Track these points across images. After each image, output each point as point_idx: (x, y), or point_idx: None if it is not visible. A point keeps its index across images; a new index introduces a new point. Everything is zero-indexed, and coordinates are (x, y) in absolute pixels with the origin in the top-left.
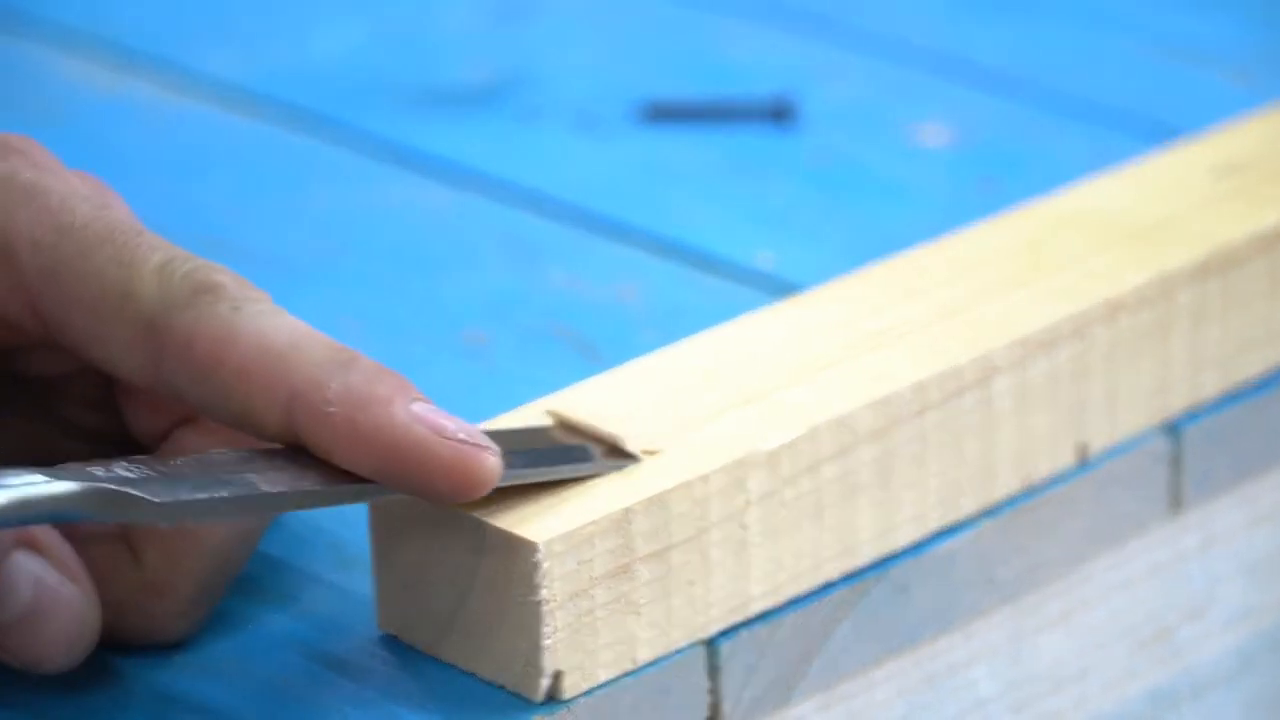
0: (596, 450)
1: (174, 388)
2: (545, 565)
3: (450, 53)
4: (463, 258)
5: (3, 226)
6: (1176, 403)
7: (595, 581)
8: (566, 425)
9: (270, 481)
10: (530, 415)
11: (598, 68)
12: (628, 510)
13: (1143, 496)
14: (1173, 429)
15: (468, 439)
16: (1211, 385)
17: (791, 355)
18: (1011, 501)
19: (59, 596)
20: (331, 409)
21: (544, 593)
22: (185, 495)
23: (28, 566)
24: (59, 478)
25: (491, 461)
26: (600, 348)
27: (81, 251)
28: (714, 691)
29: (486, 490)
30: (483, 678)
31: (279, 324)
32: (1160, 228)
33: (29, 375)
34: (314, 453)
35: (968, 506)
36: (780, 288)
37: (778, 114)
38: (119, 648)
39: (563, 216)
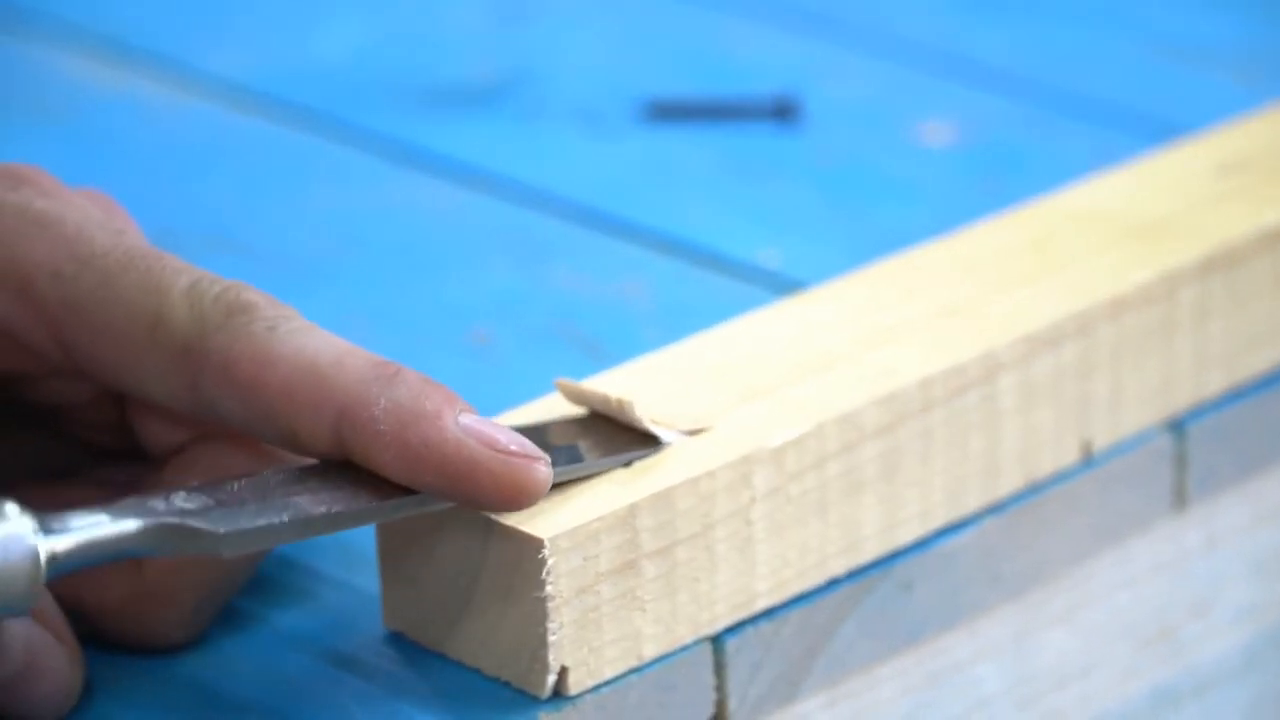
0: (592, 449)
1: (215, 411)
2: (551, 561)
3: (454, 51)
4: (467, 256)
5: (21, 258)
6: (1181, 400)
7: (601, 577)
8: (576, 399)
9: (326, 502)
10: (538, 409)
11: (602, 66)
12: (633, 506)
13: (1147, 494)
14: (1177, 426)
15: (519, 450)
16: (1215, 383)
17: (796, 352)
18: (1016, 499)
19: (49, 657)
20: (381, 426)
21: (550, 589)
22: (246, 524)
23: (18, 628)
24: (121, 515)
25: (543, 472)
26: (605, 346)
27: (104, 280)
28: (719, 688)
29: (538, 500)
30: (488, 674)
31: (318, 341)
32: (1164, 226)
33: (43, 401)
34: (365, 467)
35: (972, 503)
36: (784, 285)
37: (781, 112)
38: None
39: (567, 215)
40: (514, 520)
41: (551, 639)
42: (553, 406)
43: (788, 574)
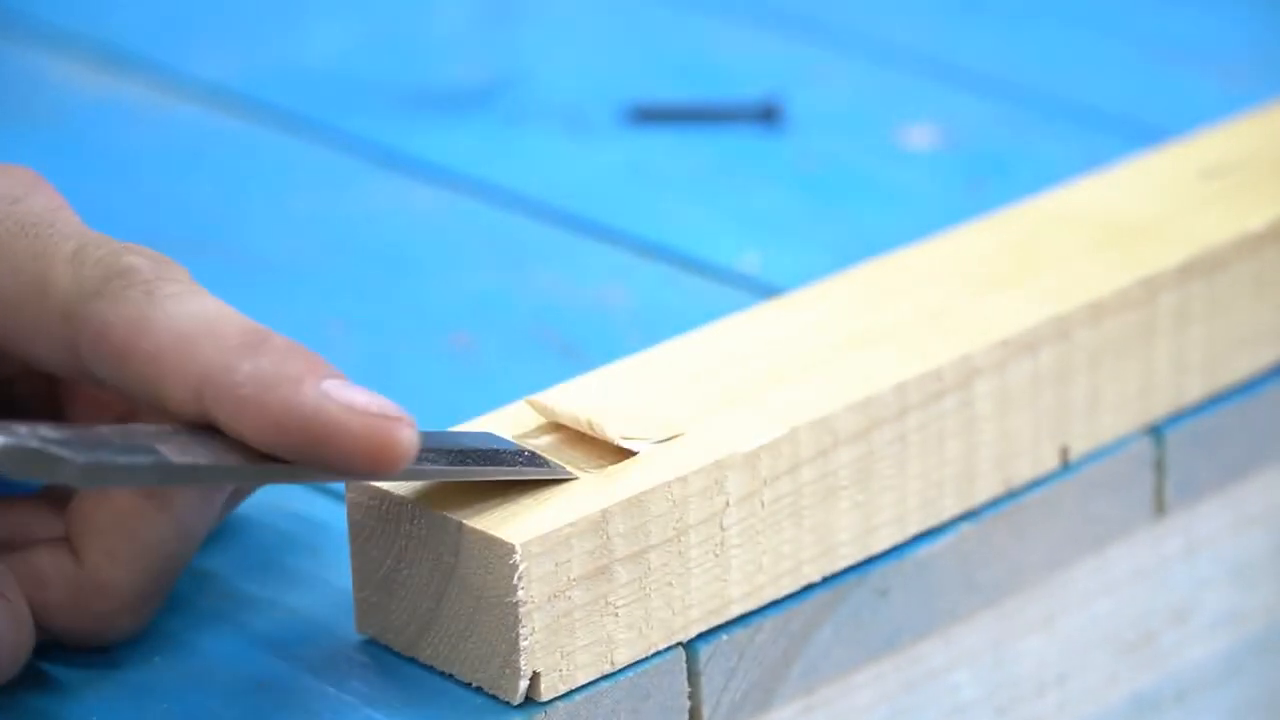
0: (564, 455)
1: (93, 376)
2: (523, 566)
3: (438, 56)
4: (449, 259)
5: None
6: (1160, 406)
7: (573, 583)
8: (546, 418)
9: (191, 454)
10: (512, 415)
11: (585, 70)
12: (606, 511)
13: (1126, 500)
14: (1156, 432)
15: (379, 411)
16: (1195, 388)
17: (772, 357)
18: (993, 505)
19: None
20: (244, 391)
21: (521, 594)
22: (106, 458)
23: None
24: None
25: (406, 433)
26: (585, 349)
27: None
28: (693, 695)
29: (403, 463)
30: (461, 679)
31: (192, 308)
32: (1144, 230)
33: None
34: (229, 433)
35: (949, 509)
36: (765, 290)
37: (765, 116)
38: (94, 650)
39: (549, 218)
40: (486, 525)
41: (523, 644)
42: (525, 412)
43: (762, 580)
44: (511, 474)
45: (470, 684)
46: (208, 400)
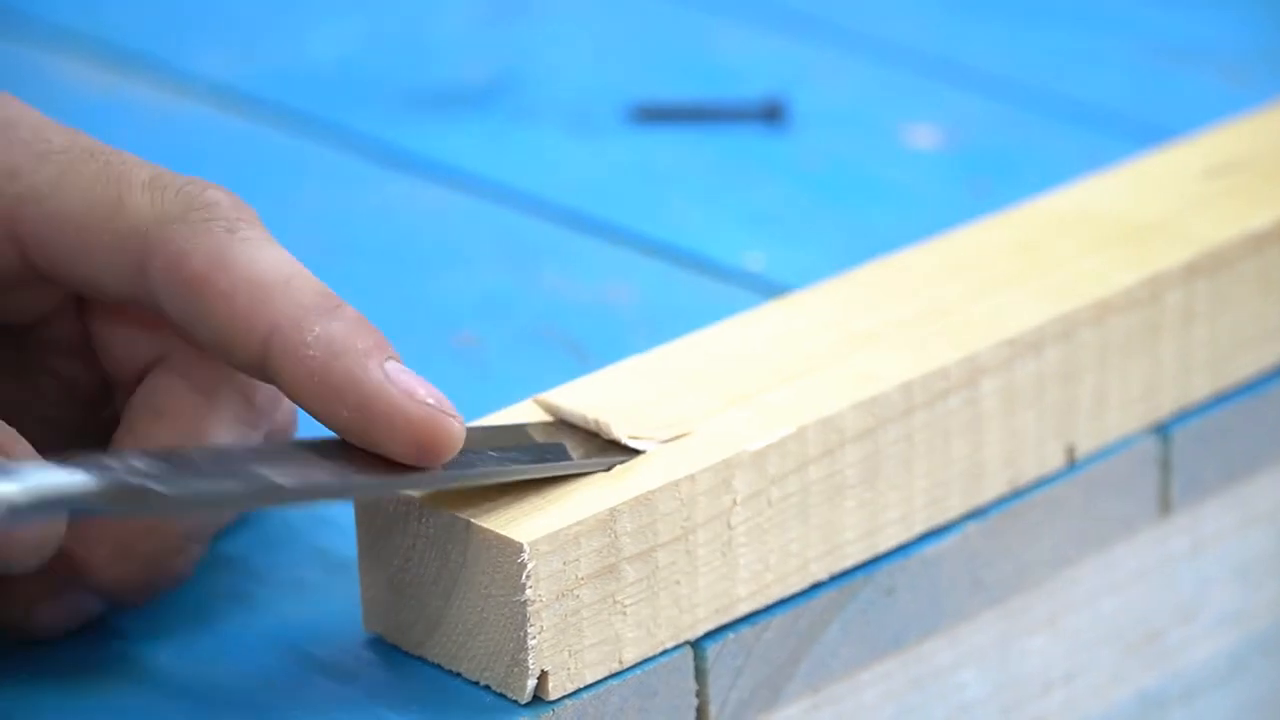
0: (576, 450)
1: (156, 302)
2: (531, 565)
3: (443, 54)
4: (454, 258)
5: None
6: (1166, 405)
7: (581, 581)
8: (554, 417)
9: (283, 475)
10: (520, 414)
11: (590, 69)
12: (614, 510)
13: (1131, 499)
14: (1162, 431)
15: (435, 404)
16: (1201, 387)
17: (779, 356)
18: (999, 503)
19: None
20: (310, 352)
21: (529, 593)
22: (199, 488)
23: None
24: (74, 470)
25: (455, 428)
26: (591, 348)
27: (64, 171)
28: (701, 693)
29: (447, 456)
30: (468, 678)
31: (271, 255)
32: (1150, 229)
33: (8, 321)
34: (283, 391)
35: (955, 508)
36: (770, 289)
37: (769, 115)
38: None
39: (554, 217)
40: (494, 524)
41: (531, 643)
42: (533, 411)
43: (769, 578)
44: (548, 470)
45: (478, 682)
46: (273, 352)
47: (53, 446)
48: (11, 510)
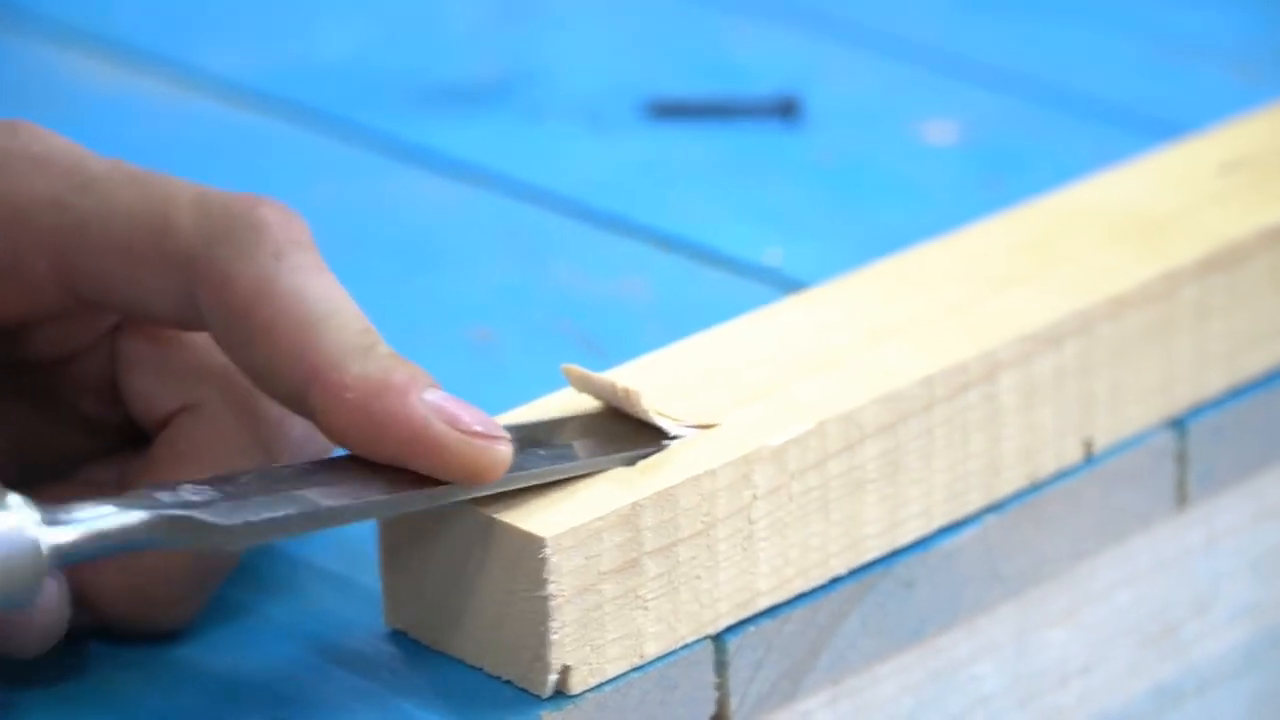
0: (585, 448)
1: (204, 324)
2: (553, 560)
3: (456, 49)
4: (468, 253)
5: (18, 192)
6: (1182, 399)
7: (603, 576)
8: (583, 386)
9: (333, 496)
10: (536, 410)
11: (604, 65)
12: (636, 505)
13: (1148, 492)
14: (1178, 425)
15: (482, 429)
16: (1217, 381)
17: (798, 351)
18: (1017, 497)
19: (43, 592)
20: (349, 395)
21: (552, 587)
22: (253, 516)
23: None
24: (127, 507)
25: (502, 452)
26: (606, 344)
27: (107, 198)
28: (721, 686)
29: (498, 477)
30: (490, 673)
31: (318, 288)
32: (1165, 224)
33: (34, 359)
34: (325, 432)
35: (973, 502)
36: (787, 284)
37: (784, 111)
38: (126, 639)
39: (569, 213)
40: (516, 519)
41: (553, 638)
42: (554, 404)
43: (789, 572)
44: (589, 467)
45: (500, 677)
46: (313, 392)
47: (71, 478)
48: (65, 554)
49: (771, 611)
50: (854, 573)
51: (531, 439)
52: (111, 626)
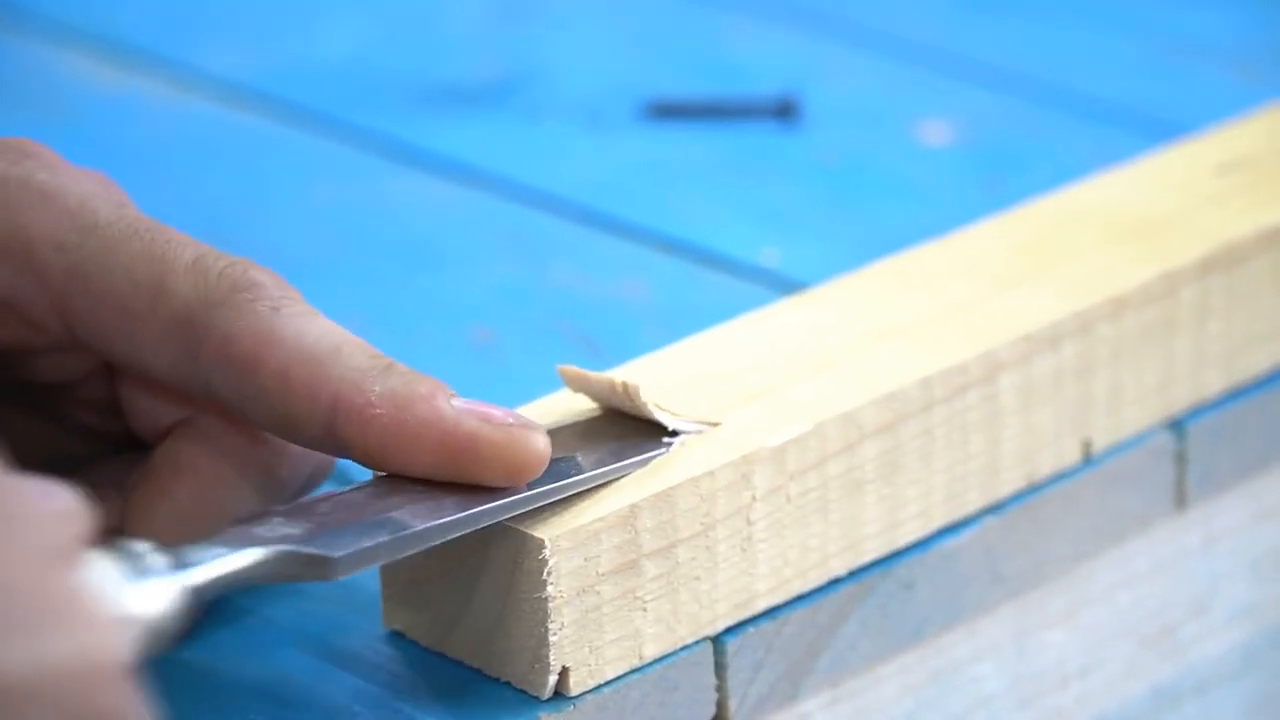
0: (587, 458)
1: (209, 387)
2: (552, 561)
3: (456, 51)
4: (468, 255)
5: (25, 229)
6: (1181, 400)
7: (602, 577)
8: (580, 387)
9: (416, 516)
10: (536, 411)
11: (603, 66)
12: (634, 506)
13: (1147, 493)
14: (1177, 426)
15: (516, 421)
16: (1216, 382)
17: (797, 352)
18: (1016, 498)
19: None
20: (377, 411)
21: (550, 589)
22: (354, 546)
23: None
24: (240, 545)
25: (541, 440)
26: (605, 344)
27: (108, 248)
28: (720, 688)
29: (540, 468)
30: (489, 674)
31: (318, 328)
32: (1165, 224)
33: (38, 380)
34: (358, 458)
35: (973, 503)
36: (785, 285)
37: (782, 112)
38: None
39: (568, 214)
40: (515, 520)
41: (552, 639)
42: (554, 405)
43: (788, 573)
44: (625, 469)
45: (499, 678)
46: (339, 421)
47: (74, 481)
48: (195, 593)
49: (771, 613)
50: (853, 574)
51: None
52: None
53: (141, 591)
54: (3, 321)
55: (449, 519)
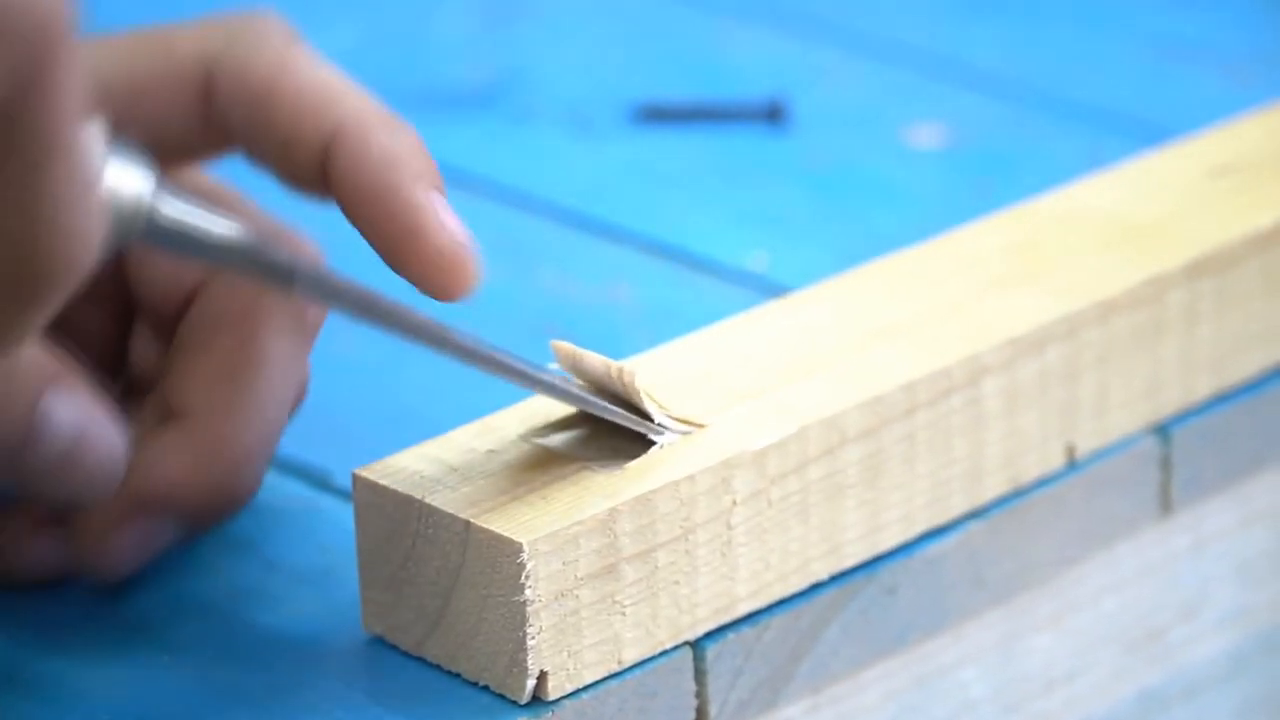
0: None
1: (224, 122)
2: (530, 565)
3: (444, 55)
4: None
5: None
6: (1167, 404)
7: (580, 581)
8: (573, 363)
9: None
10: (521, 413)
11: (591, 69)
12: (613, 510)
13: (1133, 498)
14: (1163, 430)
15: (465, 242)
16: (1202, 387)
17: (779, 355)
18: (1000, 502)
19: (97, 432)
20: (370, 158)
21: (529, 593)
22: (329, 278)
23: (65, 405)
24: (220, 218)
25: (475, 270)
26: (591, 348)
27: (100, 55)
28: (700, 694)
29: (460, 294)
30: (468, 679)
31: (333, 69)
32: (1153, 228)
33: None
34: (333, 194)
35: (956, 507)
36: (773, 289)
37: (771, 115)
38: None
39: (555, 218)
40: (493, 524)
41: (530, 643)
42: (539, 408)
43: (769, 578)
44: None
45: (477, 683)
46: (335, 153)
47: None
48: (155, 224)
49: (751, 618)
50: (835, 579)
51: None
52: (179, 513)
53: (116, 169)
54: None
55: (447, 333)
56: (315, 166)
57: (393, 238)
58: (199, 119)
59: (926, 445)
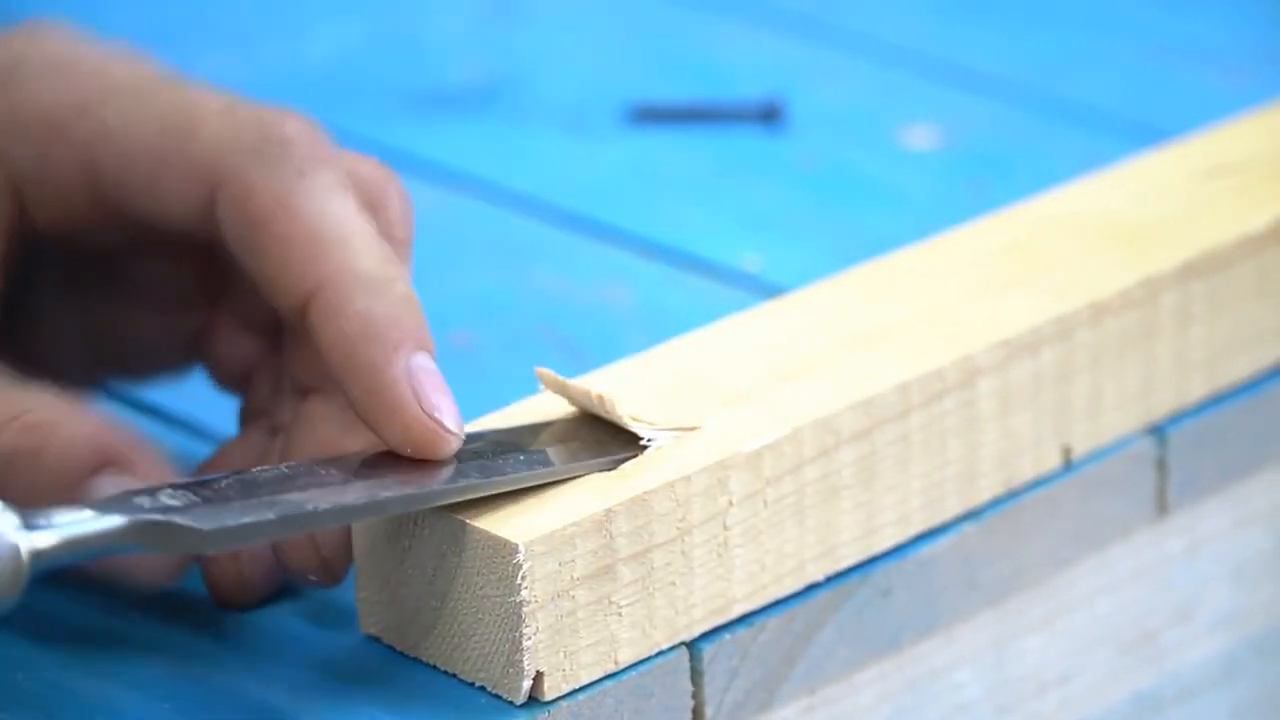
0: (562, 454)
1: (218, 233)
2: (526, 566)
3: (440, 55)
4: (451, 259)
5: (45, 99)
6: (1161, 405)
7: (576, 582)
8: (558, 390)
9: (312, 500)
10: (516, 415)
11: (587, 70)
12: (609, 511)
13: (1127, 500)
14: (1158, 432)
15: (438, 418)
16: (1197, 388)
17: (775, 357)
18: (995, 504)
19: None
20: (345, 325)
21: (525, 593)
22: (231, 521)
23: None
24: (106, 512)
25: (447, 445)
26: (587, 349)
27: (135, 102)
28: (696, 695)
29: (437, 458)
30: (464, 679)
31: (338, 210)
32: (1147, 230)
33: (95, 250)
34: (315, 345)
35: (951, 509)
36: (767, 290)
37: (767, 116)
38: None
39: (551, 218)
40: (489, 525)
41: (527, 644)
42: (534, 409)
43: (765, 579)
44: (566, 473)
45: (474, 683)
46: (313, 310)
47: (140, 356)
48: (40, 556)
49: (747, 619)
50: (830, 580)
51: (509, 444)
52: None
53: None
54: (40, 201)
55: (343, 505)
56: (297, 311)
57: (365, 408)
58: (205, 219)
59: (921, 447)
